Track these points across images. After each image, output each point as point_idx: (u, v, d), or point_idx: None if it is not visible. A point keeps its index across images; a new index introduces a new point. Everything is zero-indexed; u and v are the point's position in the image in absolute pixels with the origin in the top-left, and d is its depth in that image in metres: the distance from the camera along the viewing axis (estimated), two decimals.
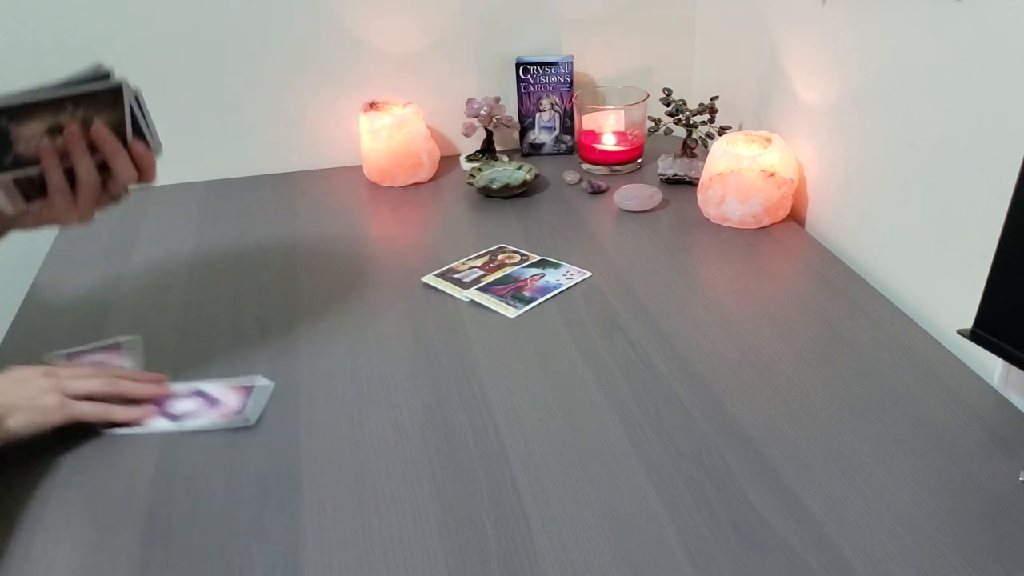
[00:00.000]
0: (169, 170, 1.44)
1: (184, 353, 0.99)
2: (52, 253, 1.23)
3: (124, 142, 0.84)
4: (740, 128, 1.32)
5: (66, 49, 1.33)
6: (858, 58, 1.07)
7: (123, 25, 1.33)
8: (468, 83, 1.47)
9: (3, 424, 0.78)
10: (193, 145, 1.43)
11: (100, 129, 0.83)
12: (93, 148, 0.83)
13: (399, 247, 1.22)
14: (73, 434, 0.85)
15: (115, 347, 0.98)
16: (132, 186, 0.87)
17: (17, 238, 0.98)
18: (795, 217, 1.24)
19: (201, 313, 1.07)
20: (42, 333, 1.04)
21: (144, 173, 0.87)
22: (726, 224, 1.22)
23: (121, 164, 0.84)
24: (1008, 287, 0.77)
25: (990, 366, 0.88)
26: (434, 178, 1.43)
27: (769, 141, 1.20)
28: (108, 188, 0.85)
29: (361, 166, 1.44)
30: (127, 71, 1.36)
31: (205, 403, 0.89)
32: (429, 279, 1.11)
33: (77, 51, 1.33)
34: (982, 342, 0.80)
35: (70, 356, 0.96)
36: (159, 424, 0.87)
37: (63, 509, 0.77)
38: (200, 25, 1.36)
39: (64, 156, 0.82)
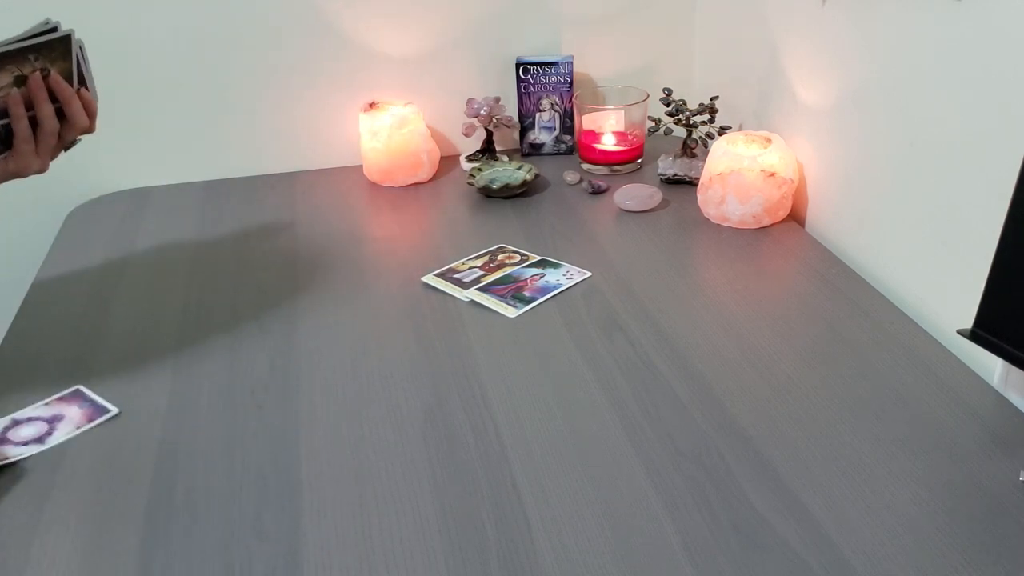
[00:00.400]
0: (169, 170, 1.44)
1: (185, 353, 0.99)
2: (52, 253, 1.23)
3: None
4: (740, 128, 1.32)
5: None
6: (858, 58, 1.07)
7: (123, 25, 1.33)
8: (468, 83, 1.47)
9: None
10: (193, 145, 1.43)
11: (57, 77, 0.89)
12: (51, 97, 0.89)
13: (399, 247, 1.22)
14: (73, 435, 0.85)
15: (76, 395, 0.92)
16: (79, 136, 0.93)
17: (17, 237, 0.98)
18: (795, 217, 1.24)
19: (201, 313, 1.07)
20: (42, 333, 1.04)
21: (90, 121, 0.93)
22: (726, 224, 1.22)
23: (76, 109, 0.90)
24: (1008, 287, 0.77)
25: (990, 366, 0.88)
26: (434, 178, 1.43)
27: (769, 141, 1.20)
28: (62, 135, 0.91)
29: (361, 166, 1.44)
30: (127, 71, 1.37)
31: (47, 422, 0.88)
32: (429, 279, 1.11)
33: None
34: (982, 342, 0.80)
35: (15, 422, 0.89)
36: (20, 451, 0.84)
37: (63, 510, 0.77)
38: (200, 25, 1.36)
39: (27, 106, 0.88)
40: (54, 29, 0.89)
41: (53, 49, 0.89)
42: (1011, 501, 0.73)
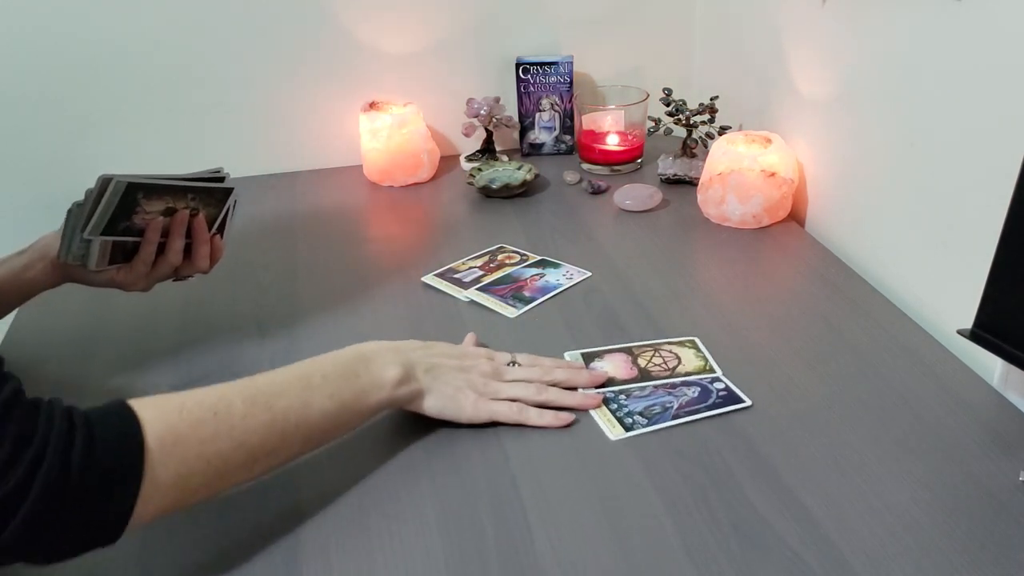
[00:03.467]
0: (168, 170, 1.43)
1: (184, 353, 0.99)
2: None
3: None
4: (740, 128, 1.32)
5: (65, 48, 1.33)
6: (859, 58, 1.07)
7: (121, 24, 1.33)
8: (468, 83, 1.47)
9: (421, 400, 0.83)
10: (193, 145, 1.43)
11: (202, 221, 0.95)
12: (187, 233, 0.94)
13: (399, 247, 1.22)
14: None
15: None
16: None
17: (15, 237, 0.98)
18: (795, 217, 1.24)
19: (200, 314, 1.07)
20: (41, 335, 1.04)
21: (210, 266, 0.98)
22: (726, 224, 1.22)
23: (202, 254, 0.96)
24: (1008, 287, 0.77)
25: (990, 366, 0.88)
26: (434, 178, 1.43)
27: (769, 141, 1.20)
28: (178, 269, 0.96)
29: (361, 166, 1.44)
30: (127, 72, 1.37)
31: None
32: (429, 279, 1.11)
33: (77, 50, 1.33)
34: (982, 342, 0.80)
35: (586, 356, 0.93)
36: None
37: None
38: (200, 25, 1.36)
39: (163, 234, 0.92)
40: (222, 179, 0.95)
41: (211, 195, 0.94)
42: (1011, 501, 0.73)
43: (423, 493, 0.77)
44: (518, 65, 1.44)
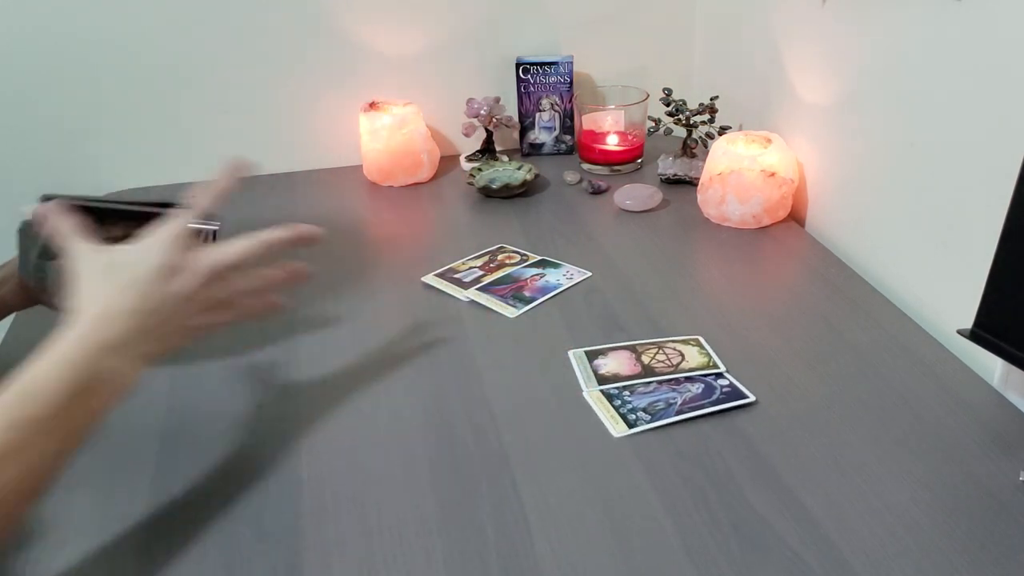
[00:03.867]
0: (168, 170, 1.44)
1: (182, 353, 0.99)
2: None
3: None
4: (740, 128, 1.32)
5: (65, 48, 1.33)
6: (858, 58, 1.07)
7: (122, 25, 1.33)
8: (468, 83, 1.47)
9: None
10: (192, 145, 1.43)
11: None
12: None
13: (399, 247, 1.22)
14: None
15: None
16: None
17: (11, 236, 0.98)
18: (795, 217, 1.24)
19: None
20: (40, 336, 1.04)
21: None
22: (726, 224, 1.22)
23: None
24: (1008, 287, 0.77)
25: (990, 366, 0.88)
26: (434, 178, 1.43)
27: (769, 141, 1.20)
28: None
29: (361, 166, 1.44)
30: (126, 72, 1.37)
31: None
32: (429, 279, 1.11)
33: (77, 50, 1.33)
34: (982, 342, 0.80)
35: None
36: None
37: (61, 513, 0.77)
38: (200, 25, 1.35)
39: None
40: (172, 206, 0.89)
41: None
42: (1011, 501, 0.73)
43: (423, 492, 0.77)
44: (518, 65, 1.44)
